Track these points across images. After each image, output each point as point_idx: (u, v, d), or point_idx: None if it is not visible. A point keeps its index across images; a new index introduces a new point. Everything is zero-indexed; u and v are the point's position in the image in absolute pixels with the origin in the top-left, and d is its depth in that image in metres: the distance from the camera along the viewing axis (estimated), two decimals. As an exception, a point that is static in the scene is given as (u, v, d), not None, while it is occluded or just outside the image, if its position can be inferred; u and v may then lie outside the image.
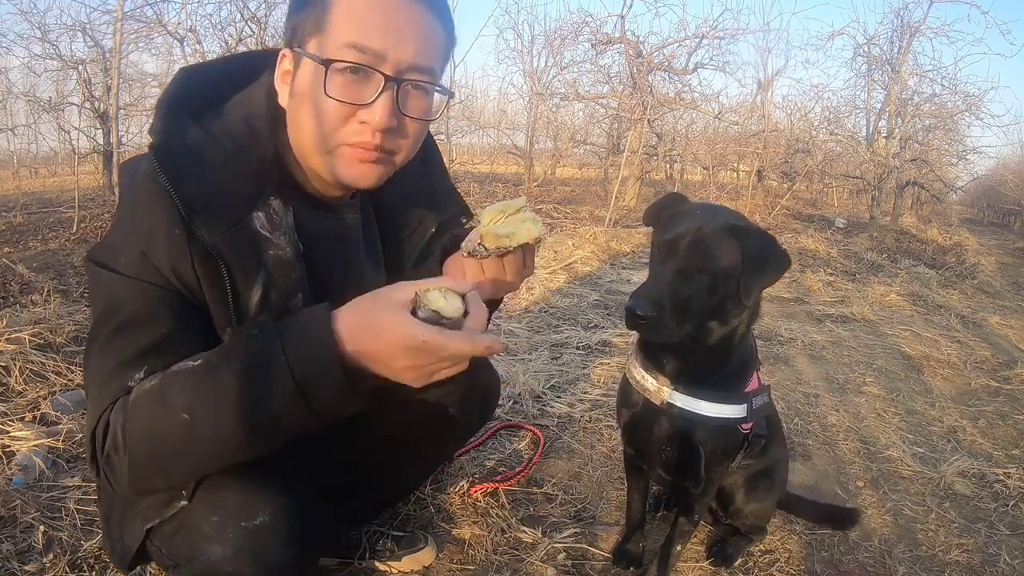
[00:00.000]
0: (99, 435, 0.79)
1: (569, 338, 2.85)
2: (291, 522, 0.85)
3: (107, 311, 0.81)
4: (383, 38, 0.79)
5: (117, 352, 0.79)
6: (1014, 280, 5.75)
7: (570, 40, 8.51)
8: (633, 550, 1.41)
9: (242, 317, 0.84)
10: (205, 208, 0.80)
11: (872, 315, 3.79)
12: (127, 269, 0.80)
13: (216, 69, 0.94)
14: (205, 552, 0.81)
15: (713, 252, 1.07)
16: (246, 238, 0.83)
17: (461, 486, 1.60)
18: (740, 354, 1.19)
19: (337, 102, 0.80)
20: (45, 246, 4.11)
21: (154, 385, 0.77)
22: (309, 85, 0.81)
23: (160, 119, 0.84)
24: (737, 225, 1.10)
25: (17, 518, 1.37)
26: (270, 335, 0.77)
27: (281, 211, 0.87)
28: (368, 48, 0.79)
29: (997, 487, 1.83)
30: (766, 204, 8.89)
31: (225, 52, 5.10)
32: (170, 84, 0.88)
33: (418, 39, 0.82)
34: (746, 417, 1.18)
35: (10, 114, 7.04)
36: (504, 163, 12.65)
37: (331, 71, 0.79)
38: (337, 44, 0.79)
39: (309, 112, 0.82)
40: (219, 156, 0.83)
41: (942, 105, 8.55)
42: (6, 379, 1.96)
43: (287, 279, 0.87)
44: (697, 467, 1.20)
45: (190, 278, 0.81)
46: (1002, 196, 12.74)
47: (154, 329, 0.80)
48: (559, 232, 5.56)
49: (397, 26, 0.80)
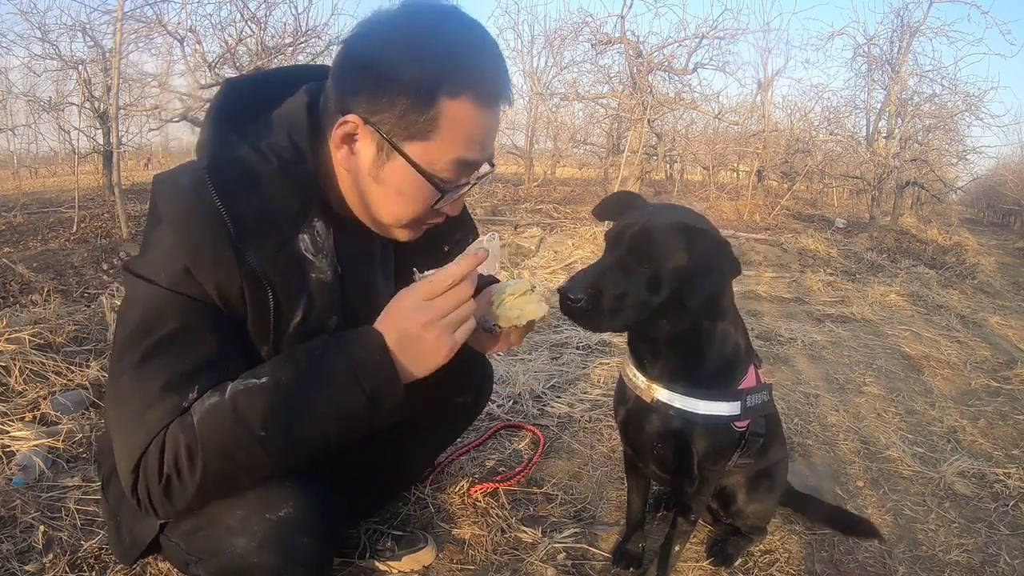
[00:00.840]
0: (151, 460, 0.78)
1: (569, 338, 2.85)
2: (313, 513, 0.87)
3: (144, 324, 0.80)
4: (480, 152, 0.86)
5: (164, 369, 0.79)
6: (1014, 280, 5.75)
7: (570, 40, 8.51)
8: (633, 550, 1.40)
9: (281, 334, 0.87)
10: (255, 230, 0.81)
11: (872, 315, 3.79)
12: (167, 282, 0.80)
13: (260, 81, 0.95)
14: (231, 545, 0.83)
15: (655, 248, 1.03)
16: (292, 260, 0.86)
17: (461, 486, 1.60)
18: (717, 353, 1.15)
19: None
20: (45, 246, 4.11)
21: (220, 402, 0.78)
22: (410, 189, 0.85)
23: (209, 134, 0.84)
24: (689, 225, 1.05)
25: (17, 518, 1.37)
26: (335, 353, 0.83)
27: (324, 233, 0.89)
28: (470, 162, 0.86)
29: (997, 487, 1.83)
30: (766, 204, 8.89)
31: (225, 52, 5.10)
32: (217, 97, 0.89)
33: (495, 138, 0.91)
34: (739, 415, 1.16)
35: (10, 114, 7.06)
36: (504, 163, 12.66)
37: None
38: (447, 161, 0.84)
39: (398, 204, 0.87)
40: (268, 173, 0.83)
41: (942, 105, 8.55)
42: (6, 379, 1.96)
43: (326, 301, 0.90)
44: (689, 464, 1.19)
45: (235, 297, 0.82)
46: (1002, 196, 12.75)
47: (200, 346, 0.80)
48: (559, 232, 5.56)
49: (491, 137, 0.88)
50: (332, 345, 0.84)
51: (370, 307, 0.89)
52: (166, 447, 0.77)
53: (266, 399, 0.79)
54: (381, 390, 0.83)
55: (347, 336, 0.85)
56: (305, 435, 0.82)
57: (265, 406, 0.78)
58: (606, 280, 1.03)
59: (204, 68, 5.34)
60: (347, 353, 0.83)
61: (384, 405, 0.84)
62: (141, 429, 0.78)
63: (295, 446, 0.82)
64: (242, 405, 0.78)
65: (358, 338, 0.84)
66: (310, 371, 0.81)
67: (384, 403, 0.84)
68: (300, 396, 0.80)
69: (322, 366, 0.82)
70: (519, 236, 5.24)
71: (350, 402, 0.82)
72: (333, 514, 0.94)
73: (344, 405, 0.82)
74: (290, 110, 0.88)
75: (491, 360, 1.38)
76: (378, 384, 0.83)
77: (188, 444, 0.76)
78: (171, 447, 0.77)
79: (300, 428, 0.81)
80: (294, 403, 0.80)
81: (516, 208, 7.32)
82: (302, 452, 0.83)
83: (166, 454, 0.77)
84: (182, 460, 0.77)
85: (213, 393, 0.79)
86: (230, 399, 0.78)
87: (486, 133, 0.85)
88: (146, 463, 0.78)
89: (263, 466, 0.81)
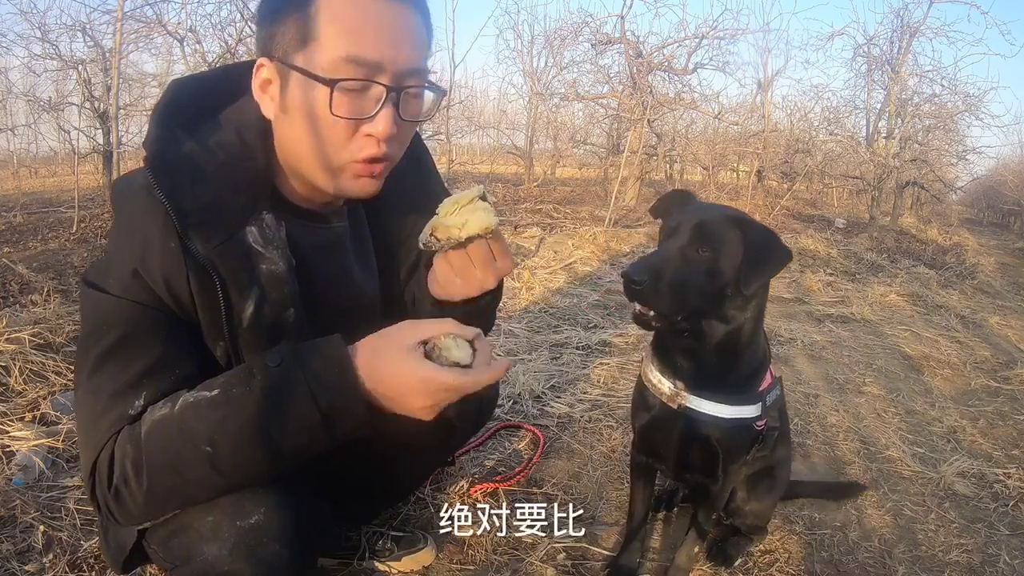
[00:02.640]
0: (102, 468, 0.77)
1: (569, 338, 2.85)
2: (286, 520, 0.85)
3: (93, 333, 0.80)
4: (378, 48, 0.78)
5: (111, 378, 0.78)
6: (1014, 280, 5.75)
7: (570, 40, 8.50)
8: (627, 564, 1.35)
9: (234, 331, 0.84)
10: (200, 221, 0.80)
11: (872, 315, 3.79)
12: (115, 289, 0.80)
13: (207, 80, 0.93)
14: (202, 552, 0.81)
15: (715, 236, 1.09)
16: (240, 252, 0.84)
17: (461, 486, 1.60)
18: (751, 357, 1.18)
19: (344, 120, 0.79)
20: (45, 246, 4.11)
21: (168, 415, 0.77)
22: (306, 103, 0.80)
23: (153, 131, 0.83)
24: (741, 217, 1.14)
25: (17, 518, 1.37)
26: (290, 366, 0.78)
27: (273, 225, 0.87)
28: (366, 60, 0.78)
29: (997, 487, 1.83)
30: (766, 204, 8.89)
31: (225, 52, 5.10)
32: (161, 97, 0.88)
33: (409, 42, 0.82)
34: (760, 415, 1.19)
35: (10, 114, 7.05)
36: (504, 163, 12.65)
37: (336, 90, 0.77)
38: (332, 59, 0.77)
39: (309, 131, 0.81)
40: (213, 168, 0.83)
41: (942, 105, 8.54)
42: (6, 379, 1.96)
43: (280, 294, 0.87)
44: (715, 466, 1.22)
45: (183, 292, 0.80)
46: (1002, 196, 12.72)
47: (147, 352, 0.79)
48: (559, 232, 5.56)
49: (389, 33, 0.79)
50: (289, 355, 0.79)
51: (344, 299, 0.87)
52: (115, 458, 0.77)
53: (214, 413, 0.76)
54: (338, 408, 0.77)
55: (309, 346, 0.80)
56: (254, 452, 0.78)
57: (212, 420, 0.76)
58: (668, 265, 1.07)
59: (204, 68, 5.34)
60: (303, 364, 0.78)
61: (341, 423, 0.79)
62: (93, 439, 0.78)
63: (245, 462, 0.78)
64: (189, 419, 0.76)
65: (320, 348, 0.79)
66: (263, 384, 0.77)
67: (341, 422, 0.78)
68: (248, 410, 0.76)
69: (275, 378, 0.77)
70: (519, 236, 5.23)
71: (304, 419, 0.77)
72: (311, 521, 0.90)
73: (297, 422, 0.77)
74: (242, 108, 0.88)
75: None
76: (335, 401, 0.77)
77: (134, 457, 0.76)
78: (119, 458, 0.77)
79: (249, 444, 0.77)
80: (243, 418, 0.76)
81: (516, 208, 7.31)
82: (255, 468, 0.80)
83: (115, 465, 0.77)
84: (128, 473, 0.76)
85: (165, 404, 0.78)
86: (179, 412, 0.76)
87: (378, 23, 0.78)
88: (99, 472, 0.78)
89: (213, 480, 0.78)
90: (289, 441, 0.79)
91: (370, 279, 1.05)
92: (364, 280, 1.03)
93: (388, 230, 1.08)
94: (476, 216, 0.83)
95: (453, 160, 8.79)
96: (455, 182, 7.82)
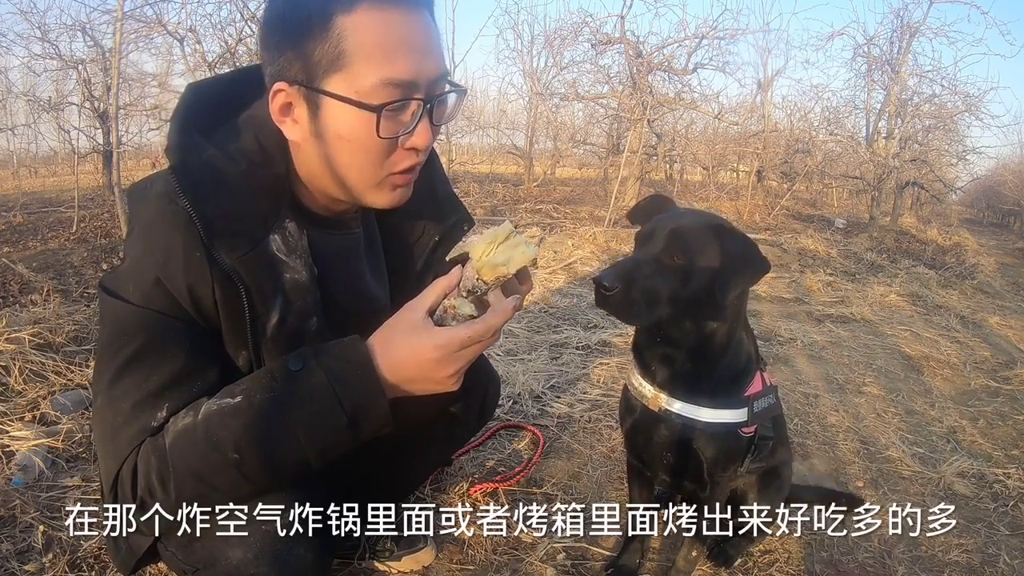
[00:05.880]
0: (125, 480, 0.77)
1: (569, 338, 2.85)
2: (310, 524, 0.85)
3: (114, 342, 0.79)
4: (411, 66, 0.78)
5: (133, 388, 0.78)
6: (1014, 280, 5.75)
7: (570, 40, 8.49)
8: (628, 564, 1.36)
9: (258, 340, 0.84)
10: (225, 229, 0.79)
11: (872, 315, 3.78)
12: (136, 298, 0.79)
13: (223, 84, 0.93)
14: (227, 556, 0.82)
15: (691, 244, 1.06)
16: (264, 261, 0.83)
17: (461, 486, 1.60)
18: (732, 360, 1.16)
19: (388, 140, 0.80)
20: (45, 246, 4.11)
21: (192, 424, 0.76)
22: (349, 129, 0.79)
23: (175, 138, 0.82)
24: (721, 224, 1.09)
25: (17, 518, 1.37)
26: (313, 369, 0.78)
27: (296, 234, 0.87)
28: (402, 81, 0.78)
29: (997, 487, 1.83)
30: (766, 204, 8.88)
31: (225, 52, 5.09)
32: (180, 102, 0.87)
33: (433, 51, 0.82)
34: (746, 421, 1.16)
35: (10, 114, 7.04)
36: (504, 163, 12.66)
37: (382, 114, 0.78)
38: (370, 84, 0.77)
39: (353, 154, 0.81)
40: (235, 176, 0.82)
41: (942, 105, 8.53)
42: (6, 379, 1.96)
43: (303, 302, 0.87)
44: (700, 472, 1.19)
45: (207, 301, 0.80)
46: (1002, 196, 12.72)
47: (169, 363, 0.79)
48: (559, 232, 5.56)
49: (416, 46, 0.79)
50: (311, 359, 0.79)
51: (359, 304, 0.87)
52: (138, 470, 0.77)
53: (239, 420, 0.76)
54: (363, 408, 0.79)
55: (328, 349, 0.81)
56: (282, 457, 0.79)
57: (238, 428, 0.76)
58: (640, 272, 1.04)
59: (204, 68, 5.33)
60: (327, 367, 0.78)
61: (366, 424, 0.80)
62: (113, 451, 0.78)
63: (272, 467, 0.79)
64: (214, 427, 0.76)
65: (340, 351, 0.80)
66: (286, 388, 0.78)
67: (366, 422, 0.80)
68: (275, 416, 0.77)
69: (299, 382, 0.78)
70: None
71: (329, 421, 0.78)
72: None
73: (322, 424, 0.78)
74: (257, 112, 0.87)
75: (491, 361, 1.37)
76: (360, 402, 0.78)
77: (159, 468, 0.76)
78: (143, 471, 0.76)
79: (276, 449, 0.78)
80: (268, 424, 0.76)
81: (516, 208, 7.32)
82: (281, 472, 0.81)
83: (139, 478, 0.77)
84: (154, 484, 0.76)
85: (187, 413, 0.77)
86: (203, 420, 0.76)
87: (405, 40, 0.78)
88: (121, 485, 0.78)
89: (240, 487, 0.79)
90: (316, 444, 0.79)
91: (380, 283, 1.05)
92: (375, 284, 1.04)
93: (399, 234, 1.07)
94: (518, 252, 0.84)
95: (453, 160, 8.80)
96: (455, 182, 7.82)
